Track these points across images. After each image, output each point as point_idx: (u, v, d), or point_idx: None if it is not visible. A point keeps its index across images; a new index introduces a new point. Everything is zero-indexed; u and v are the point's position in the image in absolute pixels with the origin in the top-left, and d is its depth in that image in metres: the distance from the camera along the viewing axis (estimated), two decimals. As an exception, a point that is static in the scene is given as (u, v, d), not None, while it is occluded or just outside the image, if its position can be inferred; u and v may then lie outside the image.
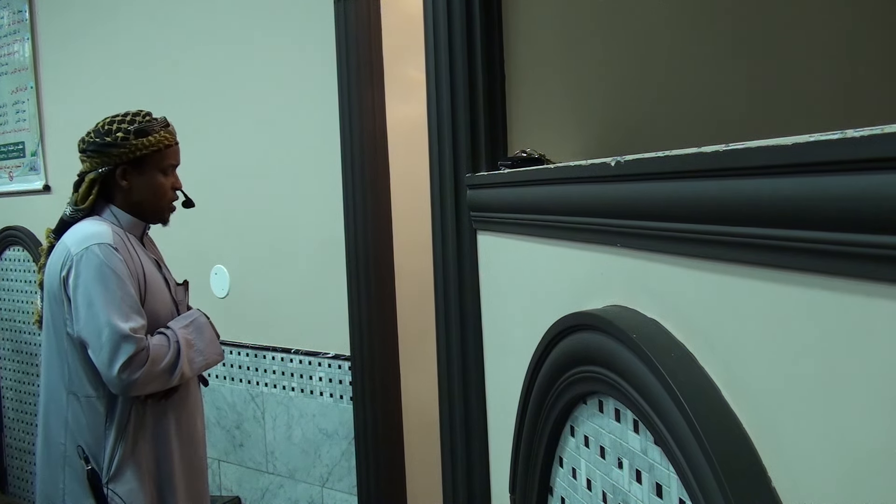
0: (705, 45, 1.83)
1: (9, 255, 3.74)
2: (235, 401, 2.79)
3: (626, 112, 1.76)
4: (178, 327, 1.82)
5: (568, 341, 1.10)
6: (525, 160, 1.46)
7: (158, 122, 1.84)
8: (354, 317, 2.40)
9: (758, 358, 0.75)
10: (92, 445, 1.76)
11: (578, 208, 1.11)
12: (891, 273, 0.57)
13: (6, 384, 3.79)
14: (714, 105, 1.81)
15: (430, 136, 1.68)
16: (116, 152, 1.78)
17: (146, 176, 1.83)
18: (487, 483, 1.66)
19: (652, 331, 0.91)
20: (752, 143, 0.70)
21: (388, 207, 2.42)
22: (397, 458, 2.48)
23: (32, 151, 3.57)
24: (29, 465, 3.68)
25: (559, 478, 1.24)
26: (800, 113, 1.83)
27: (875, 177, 0.57)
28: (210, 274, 2.82)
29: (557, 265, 1.25)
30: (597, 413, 1.08)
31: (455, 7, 1.59)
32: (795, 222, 0.66)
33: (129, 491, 1.75)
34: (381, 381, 2.40)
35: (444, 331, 1.68)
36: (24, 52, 3.55)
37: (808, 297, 0.67)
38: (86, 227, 1.78)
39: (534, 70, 1.64)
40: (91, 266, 1.70)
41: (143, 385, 1.70)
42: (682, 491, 0.86)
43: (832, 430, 0.65)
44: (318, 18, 2.40)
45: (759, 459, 0.74)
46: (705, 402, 0.80)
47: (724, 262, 0.78)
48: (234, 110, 2.70)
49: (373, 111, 2.34)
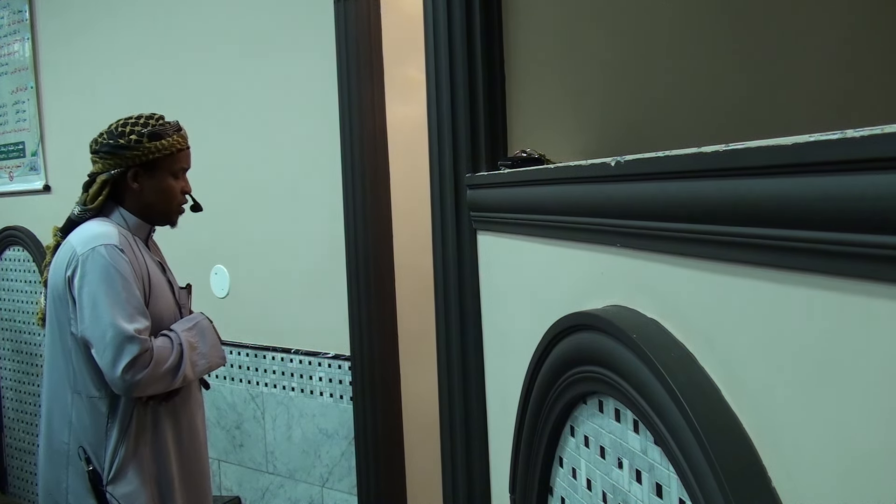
0: (705, 46, 1.83)
1: (9, 255, 3.74)
2: (235, 401, 2.79)
3: (626, 112, 1.76)
4: (182, 330, 1.82)
5: (568, 341, 1.10)
6: (525, 160, 1.46)
7: (171, 126, 1.84)
8: (354, 317, 2.40)
9: (758, 358, 0.75)
10: (94, 445, 1.76)
11: (578, 208, 1.11)
12: (891, 273, 0.57)
13: (6, 384, 3.79)
14: (714, 105, 1.81)
15: (430, 136, 1.68)
16: (129, 154, 1.79)
17: (157, 179, 1.83)
18: (487, 483, 1.66)
19: (652, 331, 0.91)
20: (752, 143, 0.70)
21: (388, 207, 2.42)
22: (397, 458, 2.48)
23: (32, 151, 3.57)
24: (29, 465, 3.68)
25: (559, 478, 1.24)
26: (800, 113, 1.83)
27: (875, 177, 0.57)
28: (210, 274, 2.82)
29: (557, 265, 1.25)
30: (597, 413, 1.08)
31: (455, 7, 1.59)
32: (795, 222, 0.66)
33: (129, 493, 1.75)
34: (381, 381, 2.40)
35: (444, 331, 1.68)
36: (24, 52, 3.55)
37: (808, 297, 0.67)
38: (92, 227, 1.78)
39: (534, 70, 1.64)
40: (97, 267, 1.70)
41: (146, 386, 1.71)
42: (682, 491, 0.86)
43: (832, 430, 0.65)
44: (318, 18, 2.40)
45: (759, 459, 0.74)
46: (705, 402, 0.80)
47: (724, 262, 0.78)
48: (234, 110, 2.70)
49: (373, 111, 2.34)
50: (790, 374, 0.70)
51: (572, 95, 1.71)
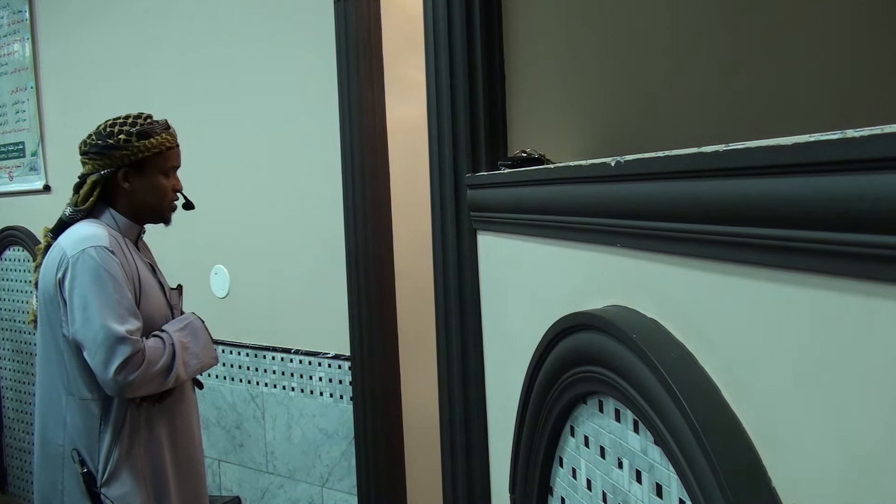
0: (705, 46, 1.83)
1: (9, 255, 3.74)
2: (235, 401, 2.79)
3: (627, 112, 1.76)
4: (174, 330, 1.82)
5: (568, 341, 1.10)
6: (525, 160, 1.46)
7: (160, 125, 1.84)
8: (354, 317, 2.40)
9: (758, 358, 0.75)
10: (88, 447, 1.76)
11: (578, 208, 1.11)
12: (891, 273, 0.57)
13: (6, 384, 3.79)
14: (714, 105, 1.81)
15: (430, 136, 1.68)
16: (119, 154, 1.78)
17: (148, 178, 1.83)
18: (487, 483, 1.66)
19: (652, 331, 0.91)
20: (752, 143, 0.70)
21: (388, 207, 2.42)
22: (397, 458, 2.48)
23: (32, 151, 3.57)
24: (29, 464, 3.68)
25: (559, 478, 1.24)
26: (800, 113, 1.83)
27: (875, 177, 0.57)
28: (210, 274, 2.82)
29: (557, 265, 1.25)
30: (597, 413, 1.08)
31: (455, 7, 1.59)
32: (795, 222, 0.66)
33: (123, 494, 1.75)
34: (380, 381, 2.40)
35: (444, 331, 1.68)
36: (24, 52, 3.55)
37: (808, 297, 0.67)
38: (82, 229, 1.78)
39: (534, 70, 1.64)
40: (87, 268, 1.70)
41: (138, 387, 1.70)
42: (682, 491, 0.86)
43: (832, 430, 0.65)
44: (318, 18, 2.40)
45: (759, 459, 0.74)
46: (705, 402, 0.80)
47: (724, 262, 0.78)
48: (234, 110, 2.70)
49: (373, 111, 2.34)
50: (790, 374, 0.70)
51: (572, 95, 1.71)
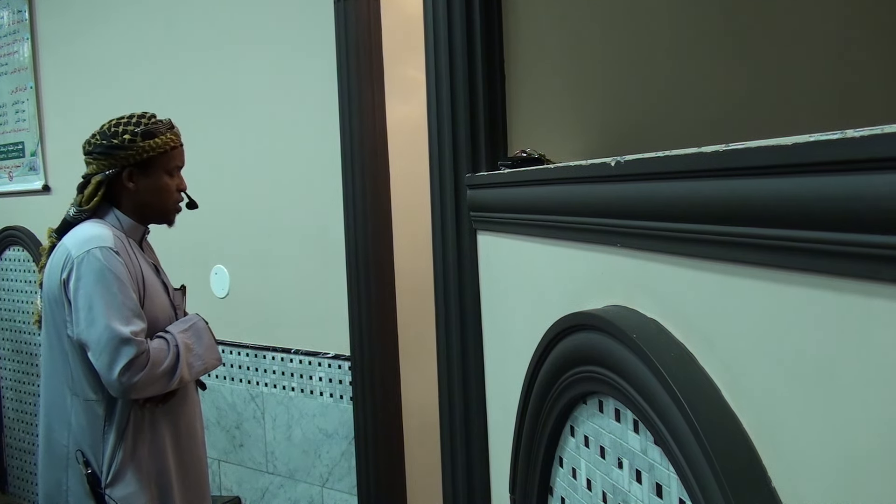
0: (705, 46, 1.83)
1: (9, 255, 3.74)
2: (235, 401, 2.79)
3: (627, 112, 1.76)
4: (178, 331, 1.81)
5: (568, 341, 1.10)
6: (525, 160, 1.46)
7: (164, 124, 1.84)
8: (354, 317, 2.40)
9: (758, 358, 0.75)
10: (92, 448, 1.76)
11: (578, 208, 1.11)
12: (891, 273, 0.57)
13: (6, 384, 3.79)
14: (714, 105, 1.81)
15: (430, 136, 1.68)
16: (123, 154, 1.78)
17: (152, 178, 1.83)
18: (487, 483, 1.66)
19: (652, 331, 0.91)
20: (752, 143, 0.70)
21: (388, 207, 2.42)
22: (397, 458, 2.48)
23: (32, 151, 3.57)
24: (29, 464, 3.68)
25: (559, 478, 1.24)
26: (800, 113, 1.83)
27: (875, 177, 0.57)
28: (210, 274, 2.82)
29: (557, 265, 1.25)
30: (597, 413, 1.08)
31: (455, 7, 1.59)
32: (795, 222, 0.66)
33: (128, 495, 1.75)
34: (381, 381, 2.40)
35: (444, 331, 1.68)
36: (23, 52, 3.55)
37: (808, 297, 0.67)
38: (87, 229, 1.78)
39: (534, 70, 1.64)
40: (92, 269, 1.69)
41: (142, 388, 1.70)
42: (682, 491, 0.86)
43: (832, 430, 0.65)
44: (318, 18, 2.40)
45: (759, 459, 0.74)
46: (705, 402, 0.80)
47: (724, 262, 0.78)
48: (234, 110, 2.70)
49: (373, 111, 2.34)
50: (790, 374, 0.70)
51: (572, 95, 1.71)
